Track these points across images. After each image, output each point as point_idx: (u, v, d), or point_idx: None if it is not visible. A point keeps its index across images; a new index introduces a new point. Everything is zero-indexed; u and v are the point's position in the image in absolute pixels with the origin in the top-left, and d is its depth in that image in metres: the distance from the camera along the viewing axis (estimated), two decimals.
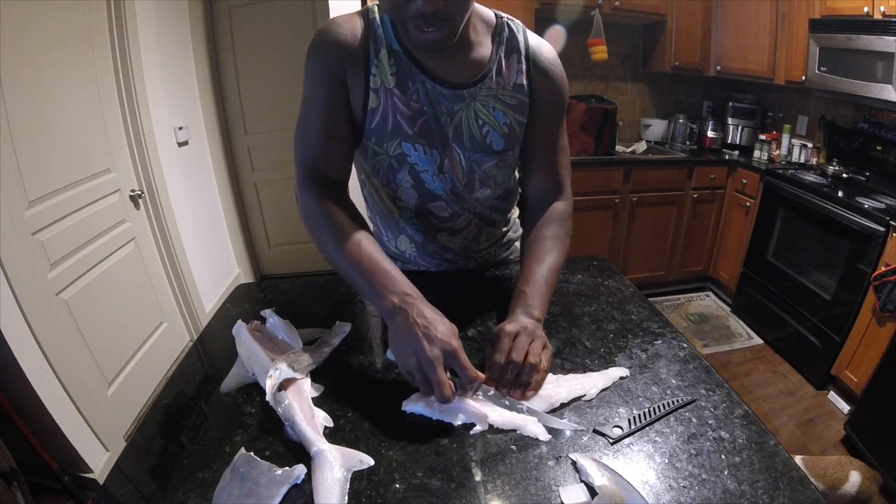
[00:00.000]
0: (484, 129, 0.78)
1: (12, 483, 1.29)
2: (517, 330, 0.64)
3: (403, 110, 0.75)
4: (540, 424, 0.56)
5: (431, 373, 0.56)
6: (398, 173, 0.81)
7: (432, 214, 0.87)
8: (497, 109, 0.78)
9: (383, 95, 0.74)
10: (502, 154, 0.82)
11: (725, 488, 0.49)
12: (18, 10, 1.43)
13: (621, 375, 0.66)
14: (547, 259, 0.76)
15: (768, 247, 2.55)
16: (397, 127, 0.76)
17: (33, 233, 1.48)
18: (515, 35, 0.78)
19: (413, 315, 0.60)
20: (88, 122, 1.76)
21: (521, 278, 0.75)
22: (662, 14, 2.79)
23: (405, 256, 0.97)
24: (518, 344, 0.62)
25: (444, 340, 0.57)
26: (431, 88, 0.74)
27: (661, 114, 3.30)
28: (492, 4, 0.82)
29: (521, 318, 0.67)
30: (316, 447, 0.52)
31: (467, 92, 0.75)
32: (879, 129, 2.30)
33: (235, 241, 2.99)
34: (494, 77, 0.76)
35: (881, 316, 1.83)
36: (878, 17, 1.99)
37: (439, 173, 0.81)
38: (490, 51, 0.76)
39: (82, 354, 1.65)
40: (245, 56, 2.70)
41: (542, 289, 0.72)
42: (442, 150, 0.79)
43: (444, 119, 0.76)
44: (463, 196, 0.86)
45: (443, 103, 0.75)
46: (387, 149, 0.78)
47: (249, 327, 0.72)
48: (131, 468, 0.54)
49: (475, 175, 0.83)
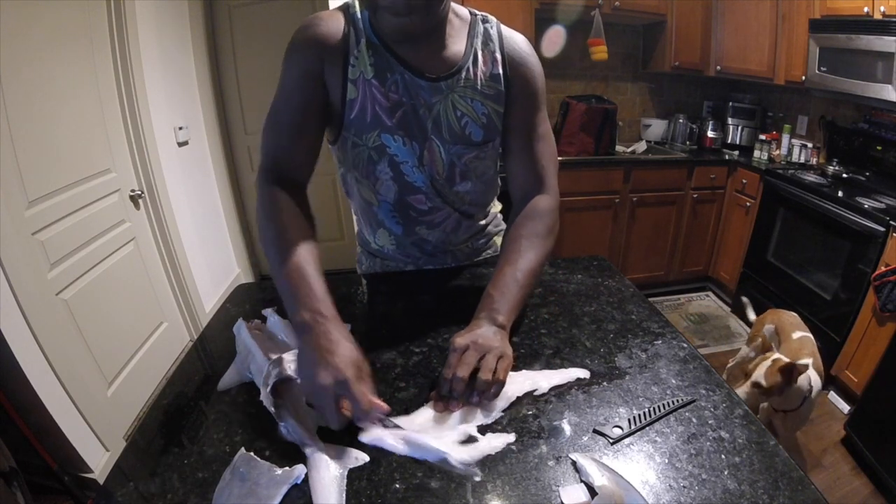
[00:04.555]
0: (462, 120, 0.79)
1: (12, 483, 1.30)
2: (466, 344, 0.61)
3: (382, 101, 0.75)
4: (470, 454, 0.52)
5: (322, 399, 0.53)
6: (378, 165, 0.81)
7: (411, 207, 0.87)
8: (475, 100, 0.79)
9: (362, 86, 0.74)
10: (482, 146, 0.82)
11: (725, 488, 0.49)
12: (18, 10, 1.43)
13: (579, 376, 0.65)
14: (520, 260, 0.73)
15: (768, 247, 2.55)
16: (376, 118, 0.76)
17: (33, 233, 1.48)
18: (489, 29, 0.80)
19: (318, 336, 0.57)
20: (88, 122, 1.76)
21: (491, 281, 0.73)
22: (662, 14, 2.79)
23: (384, 252, 0.98)
24: (466, 359, 0.60)
25: (340, 368, 0.53)
26: (409, 80, 0.75)
27: (661, 114, 3.30)
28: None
29: (481, 325, 0.65)
30: (310, 447, 0.52)
31: (444, 84, 0.76)
32: (879, 129, 2.30)
33: (235, 241, 2.99)
34: (471, 69, 0.78)
35: (881, 316, 1.83)
36: (878, 17, 1.99)
37: (419, 165, 0.81)
38: (465, 45, 0.78)
39: (82, 354, 1.65)
40: (245, 56, 2.70)
41: (512, 292, 0.70)
42: (421, 142, 0.79)
43: (422, 111, 0.77)
44: (443, 189, 0.86)
45: (421, 95, 0.76)
46: (366, 140, 0.78)
47: (250, 326, 0.73)
48: (131, 468, 0.54)
49: (456, 168, 0.83)
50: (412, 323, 0.79)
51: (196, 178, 2.54)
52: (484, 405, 0.59)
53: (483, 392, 0.59)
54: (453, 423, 0.57)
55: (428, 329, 0.77)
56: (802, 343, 1.61)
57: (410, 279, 0.99)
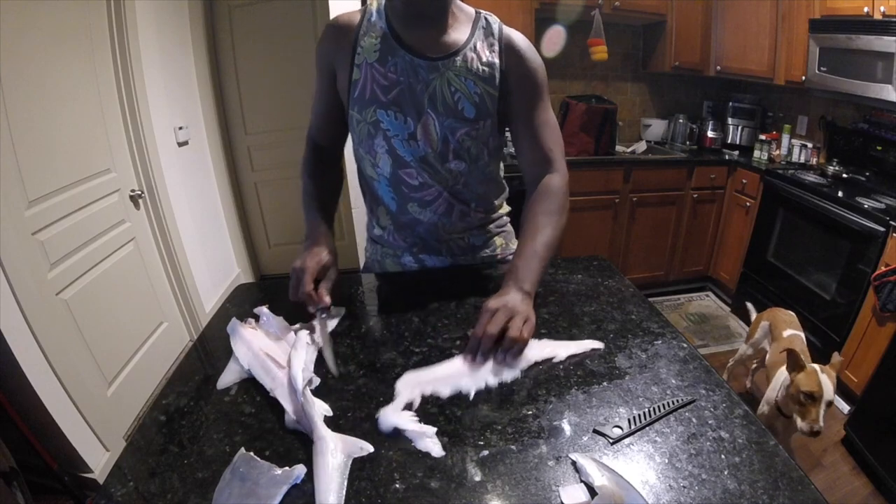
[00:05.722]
0: (456, 95, 0.86)
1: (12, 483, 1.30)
2: (498, 306, 0.70)
3: (381, 81, 0.85)
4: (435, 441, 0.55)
5: (291, 276, 0.76)
6: (375, 139, 0.90)
7: (403, 182, 0.94)
8: (469, 80, 0.86)
9: (365, 69, 0.85)
10: (473, 122, 0.88)
11: (725, 488, 0.49)
12: (18, 10, 1.44)
13: (594, 347, 0.72)
14: (539, 235, 0.83)
15: (768, 247, 2.55)
16: (373, 95, 0.86)
17: (33, 233, 1.48)
18: (492, 25, 0.89)
19: (311, 245, 0.82)
20: (88, 122, 1.76)
21: (515, 254, 0.83)
22: (662, 14, 2.79)
23: (384, 238, 1.04)
24: (496, 319, 0.68)
25: (307, 262, 0.77)
26: (409, 61, 0.84)
27: (661, 114, 3.30)
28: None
29: (510, 292, 0.74)
30: (317, 434, 0.53)
31: (442, 63, 0.85)
32: (879, 129, 2.30)
33: (235, 241, 2.99)
34: (468, 54, 0.86)
35: (881, 316, 1.83)
36: (878, 17, 1.99)
37: (409, 139, 0.88)
38: (467, 34, 0.87)
39: (82, 354, 1.65)
40: (245, 56, 2.70)
41: (534, 263, 0.79)
42: (416, 117, 0.87)
43: (419, 87, 0.85)
44: (434, 165, 0.91)
45: (420, 73, 0.85)
46: (365, 116, 0.88)
47: (243, 325, 0.74)
48: (131, 468, 0.54)
49: (449, 144, 0.89)
50: (412, 323, 0.79)
51: (196, 178, 2.54)
52: (508, 362, 0.67)
53: (508, 350, 0.67)
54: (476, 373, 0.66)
55: (428, 329, 0.77)
56: (792, 341, 1.61)
57: (411, 279, 0.99)
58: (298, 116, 2.83)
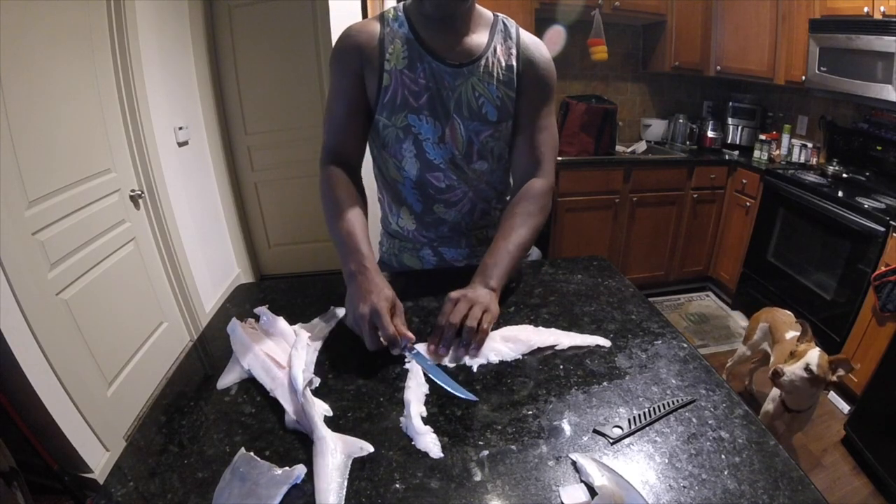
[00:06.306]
0: (480, 100, 0.89)
1: (12, 483, 1.30)
2: (458, 297, 0.73)
3: (411, 87, 0.87)
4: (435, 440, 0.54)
5: (361, 325, 0.68)
6: (403, 143, 0.92)
7: (429, 185, 0.96)
8: (491, 84, 0.89)
9: (395, 76, 0.87)
10: (496, 125, 0.92)
11: (725, 488, 0.49)
12: (18, 10, 1.43)
13: (599, 343, 0.72)
14: (513, 235, 0.85)
15: (768, 247, 2.55)
16: (405, 101, 0.88)
17: (33, 233, 1.48)
18: (509, 29, 0.92)
19: (361, 281, 0.73)
20: (88, 122, 1.76)
21: (487, 251, 0.84)
22: (662, 14, 2.79)
23: (404, 234, 1.05)
24: (458, 309, 0.71)
25: (375, 302, 0.68)
26: (436, 67, 0.87)
27: (661, 114, 3.30)
28: (492, 4, 0.89)
29: (475, 287, 0.77)
30: (318, 434, 0.53)
31: (466, 69, 0.88)
32: (879, 129, 2.30)
33: (235, 241, 2.99)
34: (490, 59, 0.89)
35: (881, 316, 1.83)
36: (878, 17, 1.99)
37: (440, 143, 0.91)
38: (487, 38, 0.90)
39: (82, 354, 1.65)
40: (245, 56, 2.70)
41: (504, 262, 0.81)
42: (444, 121, 0.90)
43: (446, 93, 0.88)
44: (461, 166, 0.94)
45: (445, 79, 0.88)
46: (395, 121, 0.90)
47: (244, 325, 0.73)
48: (131, 468, 0.54)
49: (474, 146, 0.93)
50: (412, 323, 0.79)
51: (196, 178, 2.54)
52: (471, 355, 0.69)
53: (467, 343, 0.69)
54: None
55: (428, 329, 0.77)
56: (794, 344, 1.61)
57: (415, 279, 0.99)
58: (298, 116, 2.83)
